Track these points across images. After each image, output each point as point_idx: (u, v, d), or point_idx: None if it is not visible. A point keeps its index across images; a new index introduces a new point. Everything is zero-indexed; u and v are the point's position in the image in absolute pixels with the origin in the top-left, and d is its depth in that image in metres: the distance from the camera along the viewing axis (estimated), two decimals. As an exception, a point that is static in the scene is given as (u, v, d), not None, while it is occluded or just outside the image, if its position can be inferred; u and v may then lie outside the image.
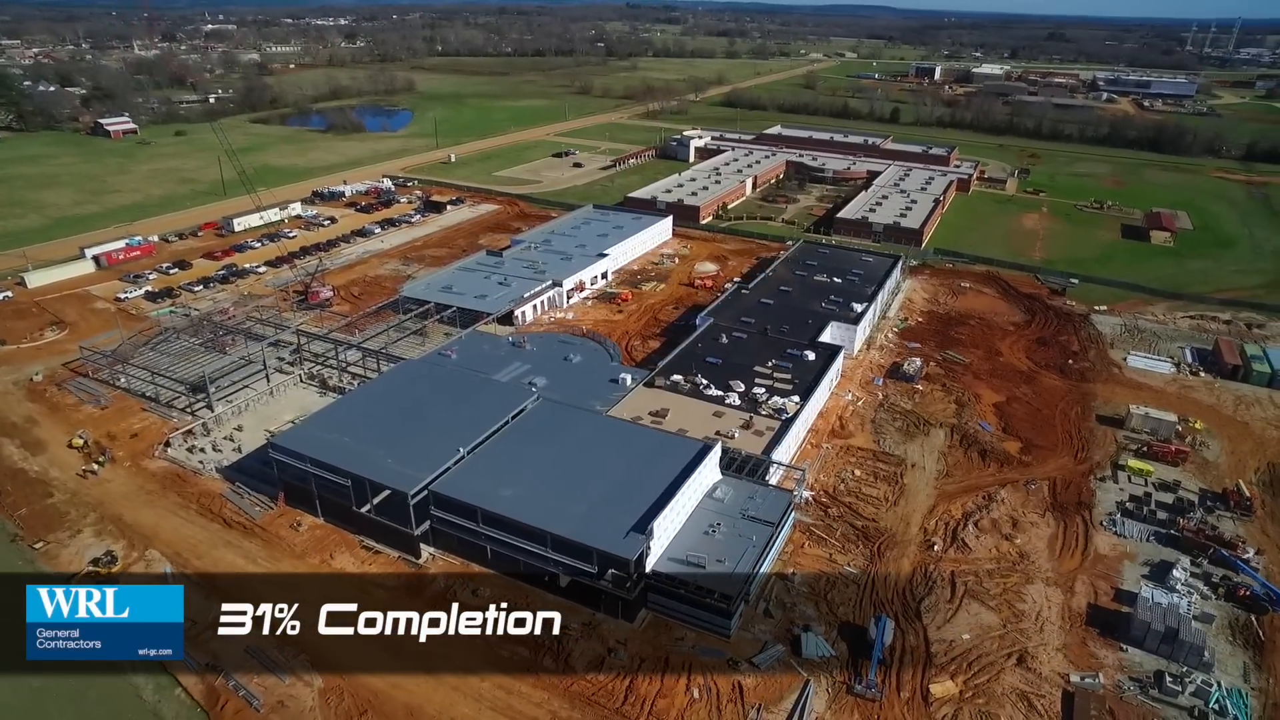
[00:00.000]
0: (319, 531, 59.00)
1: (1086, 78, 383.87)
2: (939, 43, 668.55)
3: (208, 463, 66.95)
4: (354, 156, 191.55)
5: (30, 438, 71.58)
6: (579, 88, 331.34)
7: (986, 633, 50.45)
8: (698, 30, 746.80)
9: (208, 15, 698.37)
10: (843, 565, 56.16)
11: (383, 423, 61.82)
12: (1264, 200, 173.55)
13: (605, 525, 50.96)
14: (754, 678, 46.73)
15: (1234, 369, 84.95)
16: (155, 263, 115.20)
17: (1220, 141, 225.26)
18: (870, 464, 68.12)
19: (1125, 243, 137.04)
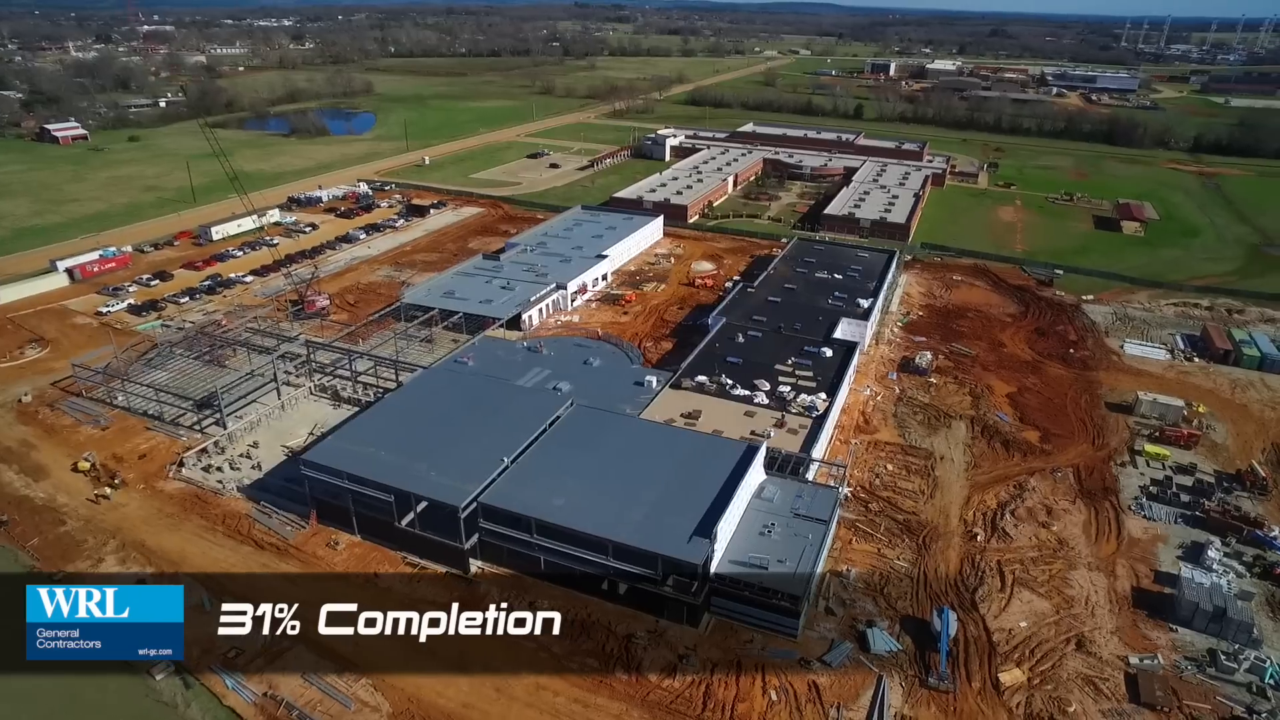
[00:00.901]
0: (358, 550, 57.26)
1: (1035, 73, 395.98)
2: (888, 39, 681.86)
3: (227, 482, 64.42)
4: (323, 161, 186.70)
5: (29, 463, 67.93)
6: (540, 88, 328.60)
7: (1041, 620, 51.50)
8: (649, 29, 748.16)
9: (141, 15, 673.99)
10: (893, 559, 56.72)
11: (417, 434, 60.28)
12: (1217, 190, 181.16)
13: (666, 531, 50.55)
14: (828, 676, 46.88)
15: (1225, 353, 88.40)
16: (132, 274, 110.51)
17: (1169, 134, 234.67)
18: (901, 458, 68.99)
19: (1099, 233, 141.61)
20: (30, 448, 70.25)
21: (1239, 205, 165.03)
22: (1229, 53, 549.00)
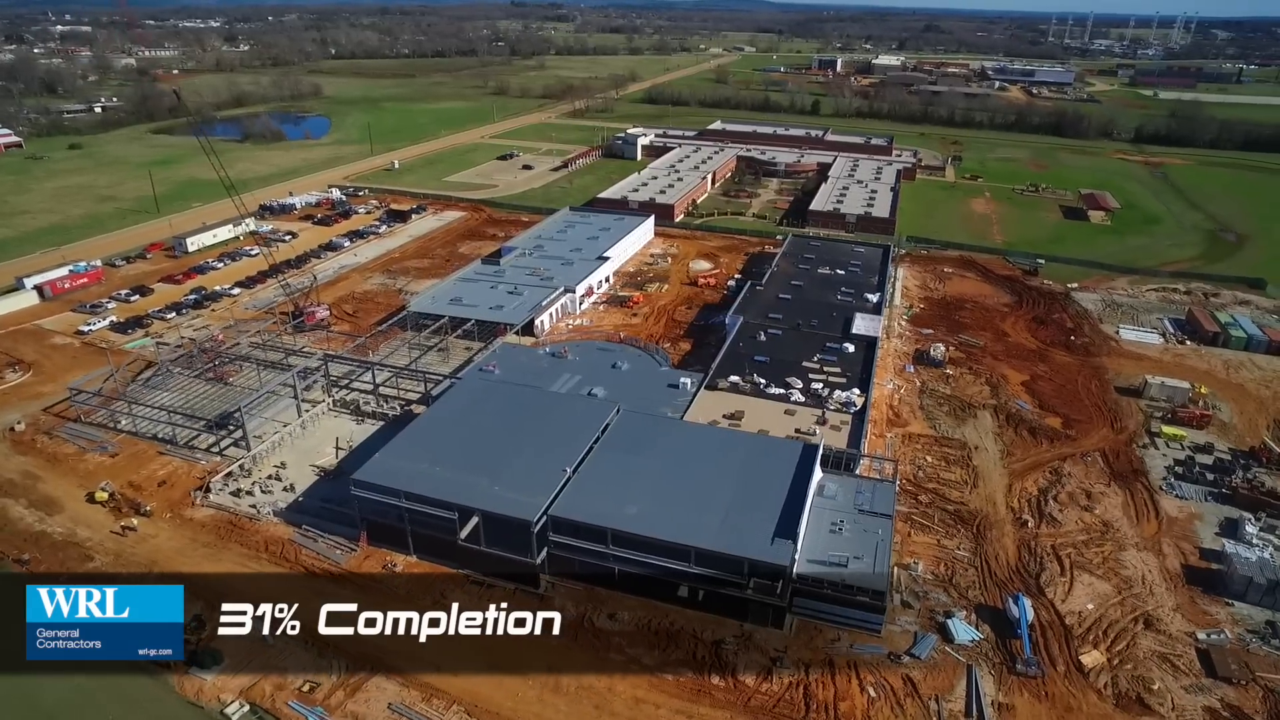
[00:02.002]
0: (417, 570, 55.41)
1: (975, 67, 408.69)
2: (827, 36, 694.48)
3: (261, 506, 61.60)
4: (286, 167, 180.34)
5: (38, 495, 63.69)
6: (494, 88, 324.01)
7: (1106, 601, 53.12)
8: (590, 27, 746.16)
9: (52, 14, 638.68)
10: (953, 549, 57.73)
11: (467, 448, 58.70)
12: (1164, 179, 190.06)
13: (747, 533, 50.39)
14: (919, 670, 47.42)
15: (1214, 336, 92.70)
16: (107, 290, 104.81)
17: (1112, 126, 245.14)
18: (937, 450, 70.28)
19: (1069, 223, 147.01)
20: (35, 479, 65.88)
21: (1188, 193, 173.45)
22: (1147, 48, 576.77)
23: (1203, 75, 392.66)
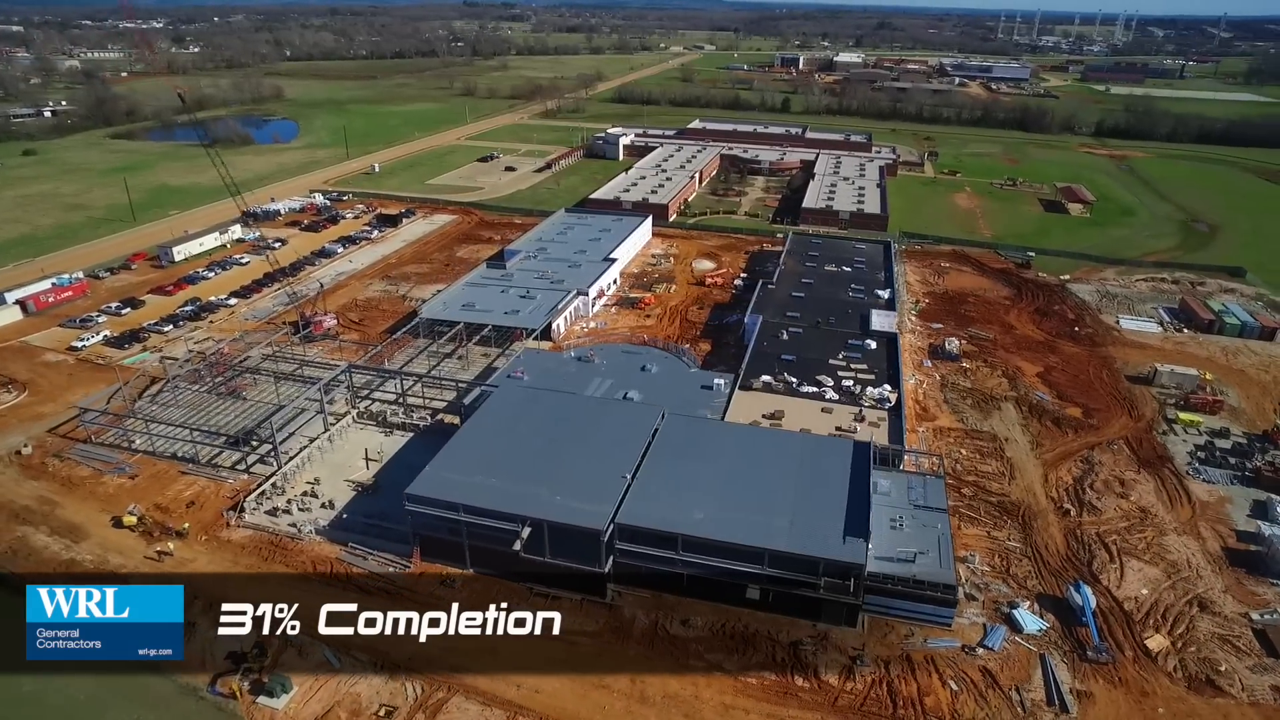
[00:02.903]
0: (477, 585, 53.89)
1: (934, 64, 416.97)
2: (784, 34, 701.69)
3: (301, 524, 59.68)
4: (260, 172, 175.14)
5: (59, 522, 60.74)
6: (461, 89, 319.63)
7: (1158, 585, 54.54)
8: (547, 27, 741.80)
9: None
10: (1004, 540, 58.71)
11: (518, 458, 57.69)
12: (1130, 171, 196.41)
13: (817, 534, 50.49)
14: (994, 661, 48.08)
15: (1209, 323, 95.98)
16: (94, 303, 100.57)
17: (1074, 120, 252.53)
18: (969, 443, 71.41)
19: (1050, 216, 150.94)
20: (53, 505, 62.83)
21: (1155, 185, 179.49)
22: (1092, 44, 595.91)
23: (1149, 71, 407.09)
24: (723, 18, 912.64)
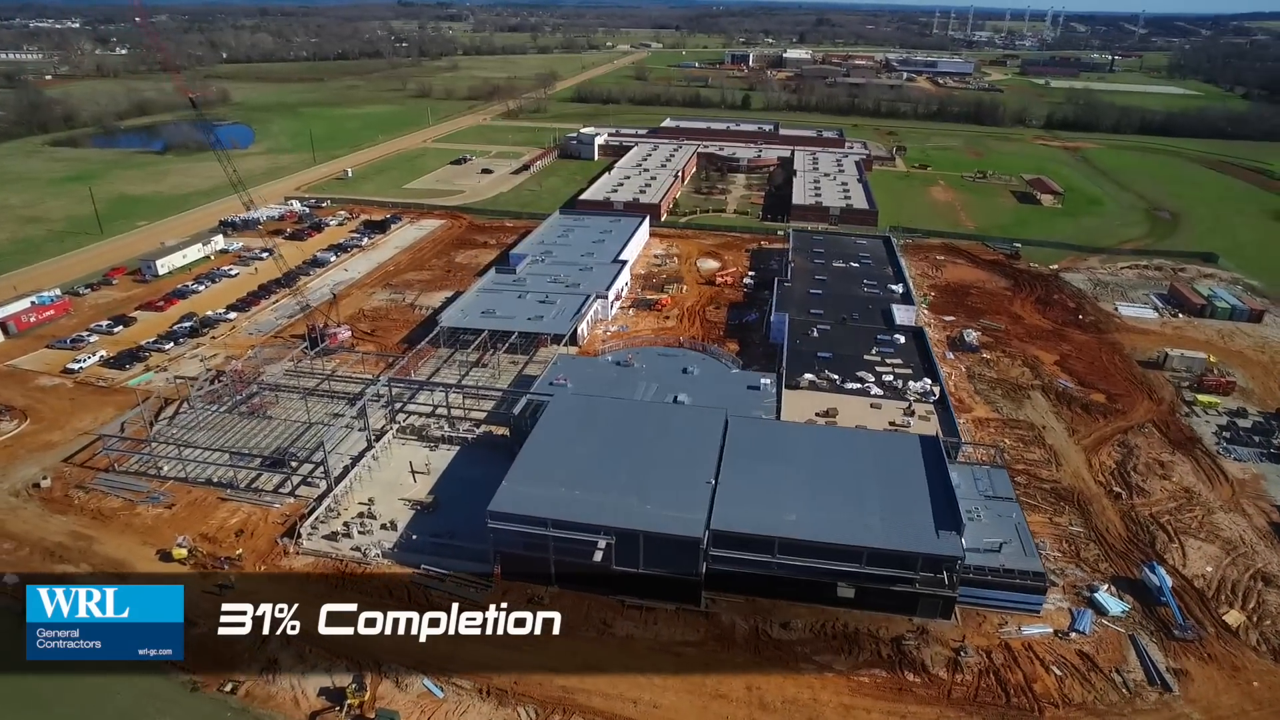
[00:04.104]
0: (568, 600, 52.75)
1: (880, 59, 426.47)
2: (727, 30, 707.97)
3: (367, 548, 57.44)
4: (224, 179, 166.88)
5: (100, 558, 57.05)
6: (415, 90, 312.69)
7: (1220, 562, 56.85)
8: (489, 26, 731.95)
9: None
10: (1067, 526, 60.38)
11: (593, 467, 56.69)
12: (1085, 162, 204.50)
13: (910, 529, 51.02)
14: (1088, 645, 49.38)
15: (1200, 308, 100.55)
16: (80, 322, 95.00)
17: (1025, 113, 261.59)
18: (1010, 432, 73.24)
19: (1025, 207, 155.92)
20: (89, 540, 58.99)
21: (1112, 175, 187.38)
22: (1023, 39, 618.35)
23: (1082, 65, 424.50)
24: (662, 15, 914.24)
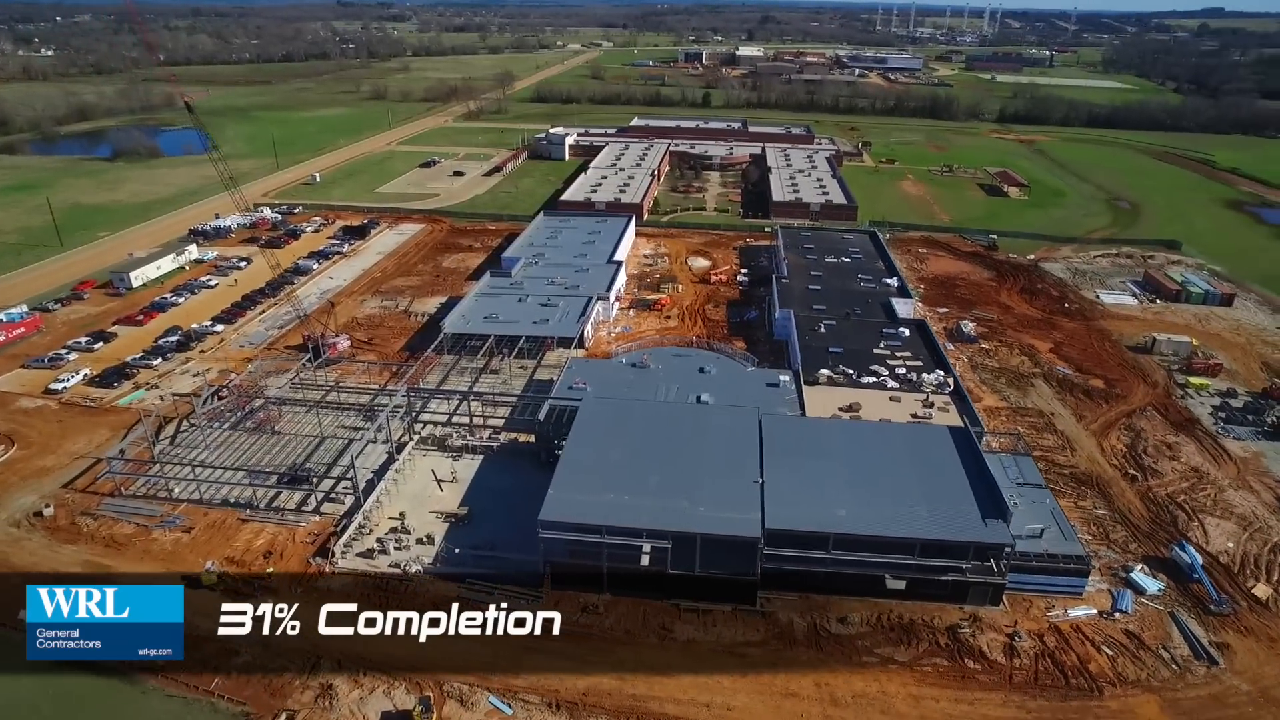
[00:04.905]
0: (623, 608, 52.18)
1: (831, 56, 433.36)
2: (676, 29, 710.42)
3: (407, 564, 55.93)
4: (186, 186, 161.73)
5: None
6: (369, 92, 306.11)
7: (1239, 538, 59.29)
8: (432, 26, 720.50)
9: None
10: (1091, 509, 62.23)
11: (637, 472, 56.21)
12: (1041, 155, 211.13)
13: (958, 519, 51.98)
14: (1133, 623, 50.98)
15: (1175, 293, 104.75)
16: (55, 339, 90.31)
17: (979, 108, 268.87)
18: (1021, 420, 75.11)
19: (993, 199, 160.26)
20: (104, 569, 56.00)
21: (1069, 167, 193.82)
22: (963, 35, 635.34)
23: (1023, 60, 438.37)
24: (607, 14, 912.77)
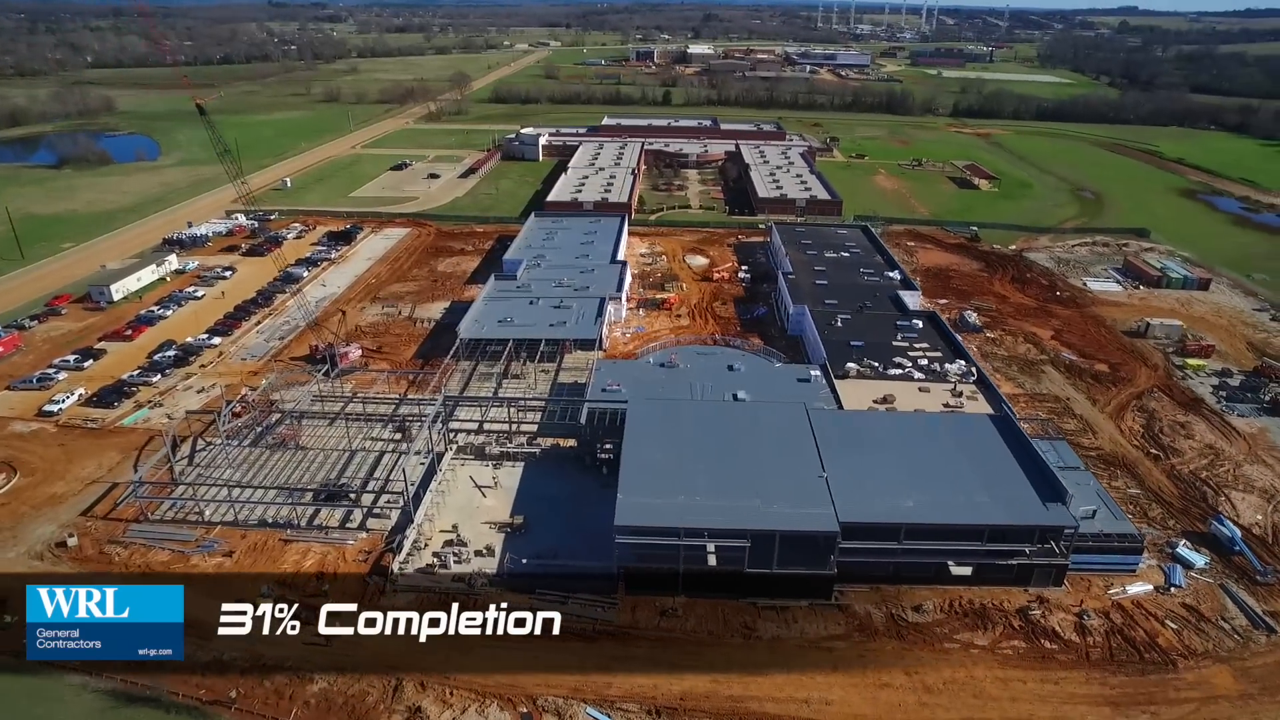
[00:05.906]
0: (700, 609, 51.79)
1: (780, 53, 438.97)
2: (621, 28, 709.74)
3: (472, 579, 54.50)
4: (148, 194, 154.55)
5: (170, 619, 51.60)
6: (321, 95, 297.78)
7: (1266, 510, 62.25)
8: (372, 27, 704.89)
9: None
10: (1124, 489, 64.51)
11: (700, 472, 56.03)
12: (1000, 148, 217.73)
13: (1020, 504, 53.47)
14: (1189, 597, 53.07)
15: (1156, 279, 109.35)
16: (38, 359, 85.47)
17: (934, 103, 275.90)
18: (1040, 405, 77.37)
19: (965, 192, 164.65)
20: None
21: (1029, 160, 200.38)
22: (903, 32, 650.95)
23: (965, 56, 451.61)
24: (546, 13, 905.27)
